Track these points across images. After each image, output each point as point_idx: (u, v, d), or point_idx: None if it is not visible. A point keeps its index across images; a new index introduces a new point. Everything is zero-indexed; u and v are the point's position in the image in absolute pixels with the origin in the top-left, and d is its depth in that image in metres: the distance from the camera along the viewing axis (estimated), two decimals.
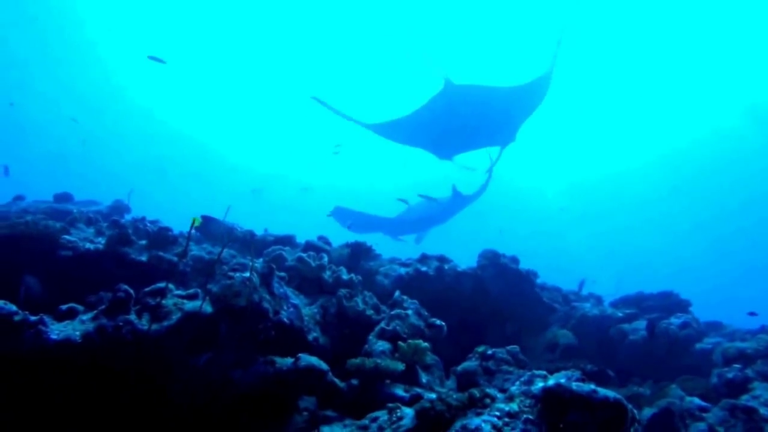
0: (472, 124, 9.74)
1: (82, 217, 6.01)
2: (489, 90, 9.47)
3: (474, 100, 9.41)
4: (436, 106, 9.43)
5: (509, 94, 9.52)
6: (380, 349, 3.97)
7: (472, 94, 9.35)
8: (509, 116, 9.90)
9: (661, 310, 6.82)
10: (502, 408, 2.59)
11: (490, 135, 10.08)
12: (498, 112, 9.67)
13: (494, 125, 9.90)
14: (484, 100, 9.47)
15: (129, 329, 3.59)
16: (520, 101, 9.70)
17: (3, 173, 13.13)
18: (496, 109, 9.60)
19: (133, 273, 4.99)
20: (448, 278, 6.13)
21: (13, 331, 3.22)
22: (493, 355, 4.27)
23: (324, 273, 4.59)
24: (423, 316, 4.55)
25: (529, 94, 9.69)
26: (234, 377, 3.39)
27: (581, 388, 2.46)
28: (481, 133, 9.95)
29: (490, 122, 9.81)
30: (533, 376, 2.91)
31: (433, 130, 9.83)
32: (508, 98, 9.55)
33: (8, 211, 6.68)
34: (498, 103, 9.53)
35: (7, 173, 13.17)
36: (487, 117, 9.70)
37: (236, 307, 3.41)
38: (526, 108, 10.01)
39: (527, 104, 9.93)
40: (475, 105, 9.46)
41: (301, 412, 3.47)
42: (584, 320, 6.95)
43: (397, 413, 3.05)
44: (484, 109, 9.55)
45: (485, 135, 10.02)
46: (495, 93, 9.47)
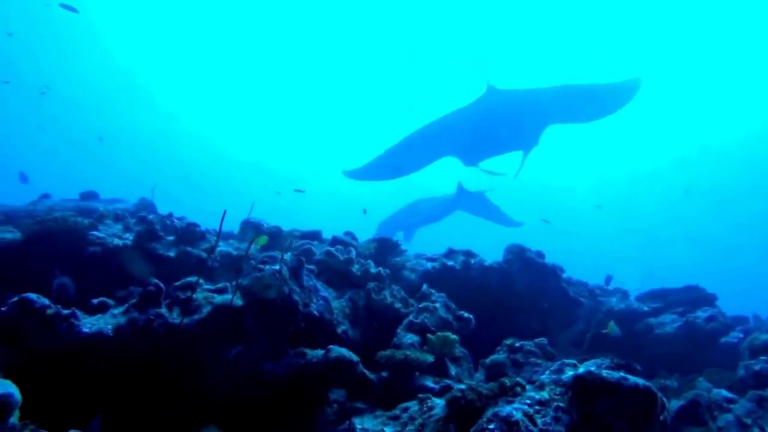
0: (511, 128, 9.47)
1: (110, 213, 6.12)
2: (533, 93, 9.21)
3: (518, 105, 9.18)
4: (477, 109, 9.23)
5: (554, 95, 9.20)
6: (409, 342, 3.98)
7: (517, 99, 9.12)
8: (547, 117, 9.56)
9: (687, 304, 6.72)
10: (533, 396, 2.58)
11: (523, 139, 9.74)
12: (538, 114, 9.39)
13: (532, 128, 9.62)
14: (526, 104, 9.22)
15: (160, 322, 3.64)
16: (565, 102, 9.34)
17: (21, 180, 13.42)
18: (538, 111, 9.32)
19: (161, 268, 5.08)
20: (475, 272, 6.12)
21: (47, 325, 3.26)
22: (522, 348, 4.26)
23: (352, 266, 4.61)
24: (451, 309, 4.55)
25: (579, 96, 9.32)
26: (265, 369, 3.42)
27: (611, 375, 2.45)
28: (517, 137, 9.65)
29: (528, 126, 9.54)
30: (563, 365, 2.90)
31: (473, 134, 9.57)
32: (551, 99, 9.22)
33: (35, 209, 6.81)
34: (540, 105, 9.24)
35: (25, 180, 13.45)
36: (526, 121, 9.43)
37: (266, 299, 3.44)
38: (573, 111, 9.64)
39: (575, 107, 9.53)
40: (517, 109, 9.22)
41: (331, 403, 3.50)
42: (610, 314, 6.89)
43: (428, 403, 3.06)
44: (525, 113, 9.29)
45: (519, 139, 9.70)
46: (539, 95, 9.18)
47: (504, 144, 9.75)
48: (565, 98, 9.27)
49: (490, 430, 2.31)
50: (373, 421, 3.19)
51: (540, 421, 2.33)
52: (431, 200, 13.36)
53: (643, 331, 6.37)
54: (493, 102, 9.14)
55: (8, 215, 5.76)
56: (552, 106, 9.29)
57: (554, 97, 9.22)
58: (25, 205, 6.83)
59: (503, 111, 9.21)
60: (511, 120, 9.33)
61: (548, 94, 9.24)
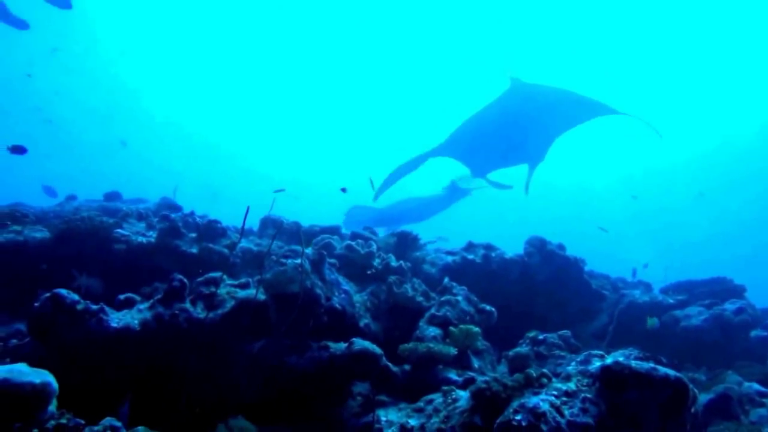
0: (532, 132, 8.91)
1: (133, 212, 6.23)
2: (561, 92, 8.59)
3: (544, 102, 8.59)
4: (499, 109, 8.69)
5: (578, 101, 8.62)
6: (431, 335, 3.98)
7: (543, 95, 8.52)
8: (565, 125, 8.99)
9: (714, 296, 6.58)
10: (560, 387, 2.55)
11: (539, 147, 9.16)
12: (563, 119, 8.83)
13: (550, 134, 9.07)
14: (554, 102, 8.62)
15: (185, 317, 3.70)
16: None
17: (47, 193, 13.71)
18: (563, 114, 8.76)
19: (184, 265, 5.15)
20: (495, 265, 6.09)
21: (77, 320, 3.35)
22: (545, 340, 4.22)
23: (373, 260, 4.62)
24: (472, 301, 4.52)
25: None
26: (289, 362, 3.45)
27: (641, 365, 2.41)
28: (538, 143, 9.07)
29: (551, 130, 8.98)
30: (590, 356, 2.87)
31: (495, 137, 9.00)
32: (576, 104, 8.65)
33: (62, 209, 6.98)
34: (566, 108, 8.67)
35: (52, 194, 13.75)
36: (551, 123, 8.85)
37: (289, 293, 3.47)
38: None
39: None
40: (544, 108, 8.61)
41: (355, 396, 3.51)
42: (633, 307, 6.79)
43: (452, 395, 3.05)
44: (552, 113, 8.69)
45: (538, 146, 9.11)
46: (566, 96, 8.57)
47: (519, 147, 9.14)
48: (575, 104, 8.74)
49: (517, 421, 2.29)
50: (398, 414, 3.19)
51: (567, 412, 2.31)
52: (418, 199, 13.25)
53: (668, 324, 6.25)
54: (517, 95, 8.62)
55: (38, 216, 5.91)
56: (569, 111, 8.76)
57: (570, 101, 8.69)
58: (52, 207, 7.01)
59: (527, 105, 8.64)
60: (532, 117, 8.76)
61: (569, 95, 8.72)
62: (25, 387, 2.02)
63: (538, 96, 8.48)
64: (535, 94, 8.48)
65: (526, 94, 8.50)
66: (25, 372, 2.08)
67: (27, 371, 2.09)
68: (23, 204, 6.54)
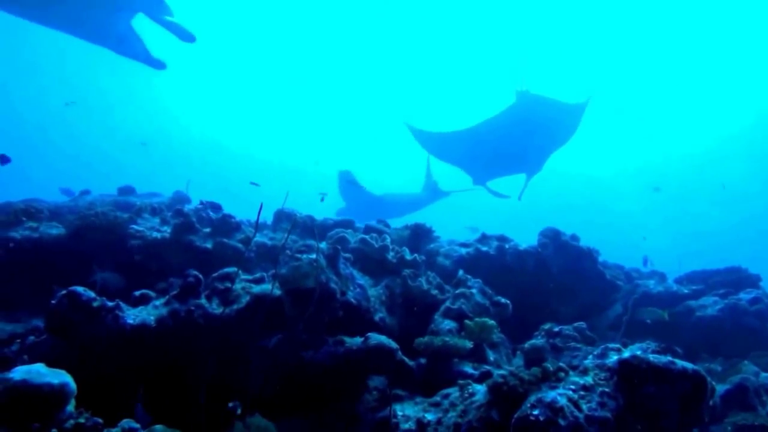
0: (534, 139, 9.23)
1: (147, 207, 6.26)
2: (562, 105, 8.96)
3: (548, 114, 8.95)
4: (506, 119, 8.98)
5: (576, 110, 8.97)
6: (446, 328, 3.98)
7: (548, 108, 8.88)
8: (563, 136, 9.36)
9: (729, 285, 6.50)
10: (577, 381, 2.54)
11: (538, 157, 9.56)
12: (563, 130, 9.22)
13: (548, 146, 9.45)
14: (557, 114, 9.01)
15: (200, 313, 3.73)
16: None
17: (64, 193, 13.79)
18: (564, 125, 9.14)
19: (198, 260, 5.18)
20: (509, 257, 6.06)
21: (94, 316, 3.37)
22: (560, 332, 4.21)
23: (387, 254, 4.61)
24: (487, 294, 4.51)
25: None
26: (305, 357, 3.47)
27: (658, 359, 2.40)
28: (538, 153, 9.45)
29: (552, 141, 9.36)
30: (607, 349, 2.85)
31: (498, 146, 9.34)
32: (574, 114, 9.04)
33: (76, 204, 7.03)
34: (566, 118, 9.07)
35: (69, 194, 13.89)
36: (554, 134, 9.22)
37: (304, 288, 3.48)
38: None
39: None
40: (548, 119, 8.98)
41: (371, 390, 3.53)
42: (647, 297, 6.74)
43: (469, 389, 3.05)
44: (554, 124, 9.08)
45: (534, 157, 9.50)
46: (566, 108, 8.98)
47: (520, 155, 9.47)
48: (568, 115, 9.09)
49: (535, 416, 2.29)
50: (414, 408, 3.21)
51: (585, 407, 2.30)
52: (406, 195, 13.53)
53: (683, 314, 6.20)
54: (523, 107, 8.89)
55: (52, 211, 5.94)
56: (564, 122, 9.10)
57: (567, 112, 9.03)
58: (67, 201, 7.06)
59: (530, 114, 8.92)
60: (537, 125, 9.07)
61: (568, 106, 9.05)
62: (44, 388, 2.05)
63: (544, 107, 8.81)
64: (539, 104, 8.80)
65: (530, 104, 8.79)
66: (43, 373, 2.10)
67: (45, 372, 2.11)
68: (38, 199, 6.60)
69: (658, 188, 21.67)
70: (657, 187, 22.02)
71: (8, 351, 3.67)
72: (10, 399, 2.01)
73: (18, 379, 2.02)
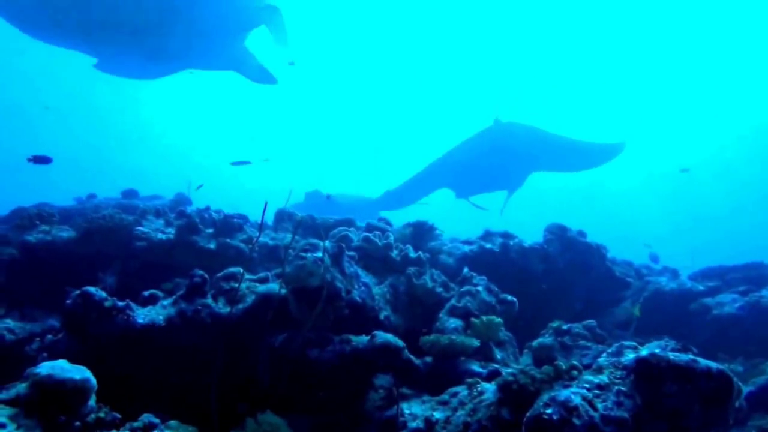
0: (512, 165, 10.10)
1: (150, 209, 6.28)
2: (539, 133, 9.77)
3: (520, 136, 9.77)
4: (484, 141, 9.84)
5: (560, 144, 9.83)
6: (452, 326, 3.92)
7: (522, 134, 9.72)
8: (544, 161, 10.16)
9: (748, 282, 6.33)
10: (591, 380, 2.47)
11: (517, 170, 10.34)
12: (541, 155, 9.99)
13: (528, 167, 10.24)
14: (532, 140, 9.80)
15: (207, 312, 3.72)
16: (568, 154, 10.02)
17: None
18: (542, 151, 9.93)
19: (202, 260, 5.17)
20: (514, 254, 5.97)
21: (106, 316, 3.45)
22: (569, 331, 4.13)
23: (391, 252, 4.56)
24: (493, 291, 4.44)
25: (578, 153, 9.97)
26: (311, 356, 3.43)
27: (679, 357, 2.31)
28: (513, 167, 10.24)
29: (526, 163, 10.16)
30: (622, 347, 2.78)
31: (475, 166, 10.16)
32: (558, 146, 9.87)
33: (84, 207, 7.12)
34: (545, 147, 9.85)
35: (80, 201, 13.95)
36: (527, 157, 10.01)
37: (310, 287, 3.44)
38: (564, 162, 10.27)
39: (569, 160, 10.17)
40: (519, 140, 9.79)
41: (377, 389, 3.48)
42: (659, 294, 6.62)
43: (477, 388, 2.99)
44: (528, 149, 9.89)
45: (513, 171, 10.30)
46: (546, 137, 9.78)
47: (500, 176, 10.32)
48: (559, 148, 9.91)
49: (548, 415, 2.22)
50: (422, 407, 3.15)
51: (601, 406, 2.23)
52: (362, 199, 14.06)
53: (698, 312, 6.05)
54: (498, 132, 9.74)
55: (62, 215, 6.13)
56: (546, 150, 9.91)
57: (551, 143, 9.85)
58: (75, 204, 7.19)
59: (507, 141, 9.76)
60: (512, 150, 9.87)
61: (549, 138, 9.82)
62: (67, 383, 2.15)
63: (518, 133, 9.74)
64: (514, 131, 9.74)
65: (504, 129, 9.76)
66: (66, 368, 2.23)
67: (68, 368, 2.25)
68: (48, 204, 6.67)
69: (687, 169, 20.53)
70: (685, 168, 20.84)
71: (29, 349, 3.86)
72: (39, 392, 2.13)
73: (44, 374, 2.14)
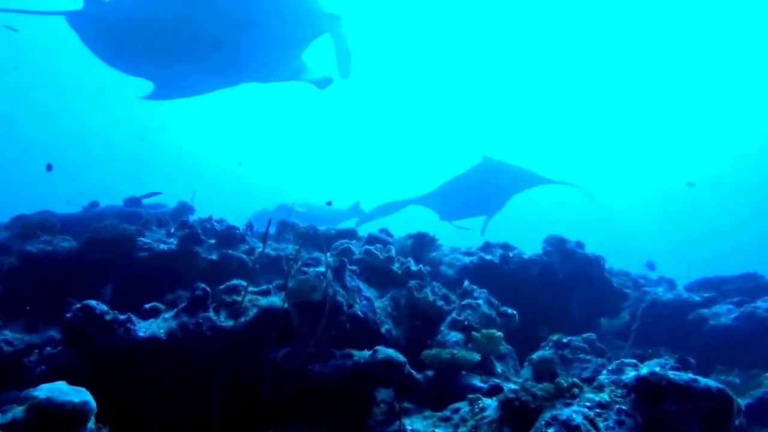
0: (495, 195, 11.68)
1: (153, 219, 6.31)
2: (519, 170, 11.41)
3: (506, 176, 11.39)
4: (472, 177, 11.35)
5: (532, 177, 11.47)
6: (453, 340, 3.95)
7: (506, 171, 11.34)
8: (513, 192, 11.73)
9: (743, 293, 6.38)
10: (592, 398, 2.50)
11: (497, 206, 11.96)
12: (516, 188, 11.64)
13: (506, 198, 11.82)
14: (514, 177, 11.44)
15: (209, 325, 3.74)
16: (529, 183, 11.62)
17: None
18: (518, 185, 11.58)
19: (204, 271, 5.20)
20: (514, 265, 6.01)
21: (106, 329, 3.45)
22: (569, 344, 4.17)
23: (393, 265, 4.60)
24: (494, 304, 4.47)
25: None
26: (312, 370, 3.45)
27: (679, 376, 2.34)
28: (494, 200, 11.84)
29: (505, 195, 11.73)
30: (622, 365, 2.80)
31: (462, 198, 11.65)
32: (530, 180, 11.52)
33: (86, 216, 7.13)
34: (523, 181, 11.54)
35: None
36: (506, 190, 11.63)
37: (312, 301, 3.47)
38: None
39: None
40: (504, 180, 11.42)
41: (378, 403, 3.50)
42: (656, 305, 6.67)
43: (479, 404, 3.02)
44: (509, 184, 11.53)
45: (494, 202, 11.88)
46: (523, 174, 11.44)
47: (483, 205, 11.87)
48: (527, 180, 11.57)
49: None
50: (423, 422, 3.17)
51: (602, 425, 2.26)
52: (330, 210, 14.57)
53: (695, 323, 6.10)
54: (486, 169, 11.28)
55: (64, 223, 6.13)
56: (521, 182, 11.63)
57: (526, 176, 11.51)
58: (77, 213, 7.21)
59: (493, 178, 11.33)
60: (496, 185, 11.49)
61: (525, 172, 11.47)
62: (66, 406, 2.12)
63: (504, 171, 11.30)
64: (501, 169, 11.28)
65: (494, 168, 11.25)
66: (65, 391, 2.19)
67: (67, 390, 2.21)
68: (50, 212, 6.67)
69: (693, 184, 20.80)
70: (691, 183, 21.09)
71: (27, 361, 3.80)
72: (36, 416, 2.11)
73: (43, 397, 2.11)
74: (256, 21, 6.76)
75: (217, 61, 7.04)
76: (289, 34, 7.15)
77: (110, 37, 6.56)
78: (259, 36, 6.84)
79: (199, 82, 7.59)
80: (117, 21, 6.42)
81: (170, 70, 7.09)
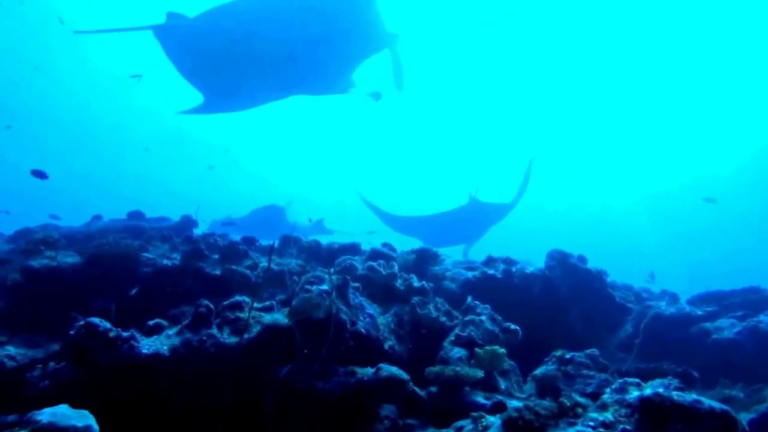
0: (478, 229, 12.88)
1: (157, 234, 6.34)
2: (499, 206, 12.67)
3: (489, 214, 12.65)
4: (459, 215, 12.47)
5: (508, 207, 12.73)
6: (456, 356, 3.94)
7: (489, 210, 12.56)
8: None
9: (746, 307, 6.37)
10: (596, 417, 2.50)
11: (477, 236, 13.20)
12: (496, 220, 12.93)
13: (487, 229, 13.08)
14: (495, 213, 12.70)
15: (212, 342, 3.75)
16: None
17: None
18: (497, 218, 12.87)
19: (208, 286, 5.21)
20: (517, 280, 6.01)
21: (110, 346, 3.46)
22: (572, 359, 4.15)
23: (396, 281, 4.61)
24: (497, 321, 4.48)
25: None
26: (316, 388, 3.45)
27: (683, 397, 2.34)
28: (475, 235, 13.05)
29: (486, 227, 13.02)
30: (626, 384, 2.80)
31: (449, 230, 12.77)
32: (507, 210, 12.76)
33: (89, 231, 7.14)
34: (501, 214, 12.81)
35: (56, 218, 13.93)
36: (489, 223, 12.91)
37: (315, 319, 3.48)
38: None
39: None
40: (487, 217, 12.71)
41: (382, 420, 3.49)
42: (659, 319, 6.65)
43: (483, 422, 3.01)
44: (491, 219, 12.83)
45: (476, 236, 13.10)
46: (502, 208, 12.69)
47: (466, 236, 13.01)
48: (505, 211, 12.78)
49: None
50: None
51: None
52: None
53: (698, 337, 6.08)
54: (473, 209, 12.38)
55: (68, 238, 6.12)
56: (500, 215, 12.87)
57: (504, 209, 12.73)
58: (80, 227, 7.21)
59: (478, 215, 12.51)
60: (480, 221, 12.76)
61: (504, 206, 12.70)
62: (69, 430, 2.11)
63: (488, 210, 12.56)
64: (485, 209, 12.48)
65: (479, 209, 12.39)
66: (68, 415, 2.18)
67: (70, 414, 2.20)
68: (53, 225, 6.70)
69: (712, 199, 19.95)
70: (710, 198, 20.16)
71: (30, 376, 3.79)
72: None
73: (46, 422, 2.11)
74: (331, 38, 6.81)
75: (285, 75, 7.05)
76: (356, 51, 7.22)
77: (194, 51, 6.61)
78: (330, 52, 6.88)
79: (257, 97, 7.56)
80: (204, 34, 6.50)
81: (239, 85, 7.09)
